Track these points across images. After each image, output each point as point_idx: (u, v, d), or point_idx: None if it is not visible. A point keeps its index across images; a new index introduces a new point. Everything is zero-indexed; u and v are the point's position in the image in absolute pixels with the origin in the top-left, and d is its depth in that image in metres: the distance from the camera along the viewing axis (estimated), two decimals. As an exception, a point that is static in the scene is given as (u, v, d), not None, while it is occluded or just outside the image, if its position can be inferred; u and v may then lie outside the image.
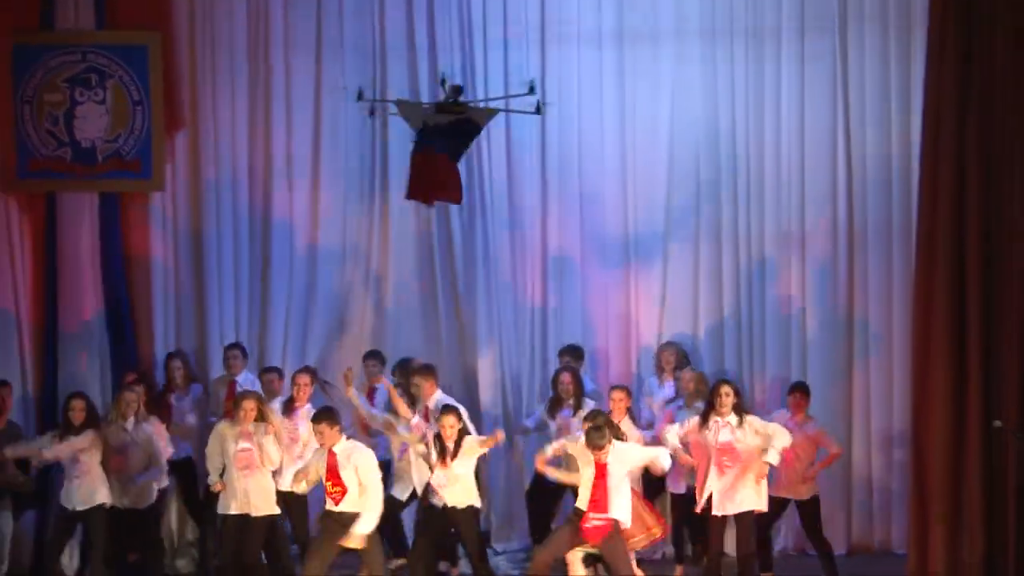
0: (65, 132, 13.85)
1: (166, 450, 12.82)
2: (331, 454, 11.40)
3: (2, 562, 12.51)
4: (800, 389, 12.93)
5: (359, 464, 11.40)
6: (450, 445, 11.82)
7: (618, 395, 12.67)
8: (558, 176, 14.54)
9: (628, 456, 11.56)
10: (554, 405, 13.19)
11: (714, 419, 12.04)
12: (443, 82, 12.91)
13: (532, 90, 13.05)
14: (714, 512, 11.98)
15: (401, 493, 12.68)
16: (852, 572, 12.65)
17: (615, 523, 11.41)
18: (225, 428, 11.95)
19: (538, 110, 13.26)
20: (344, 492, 11.40)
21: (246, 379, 13.54)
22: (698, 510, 12.11)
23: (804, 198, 14.36)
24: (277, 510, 12.06)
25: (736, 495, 11.96)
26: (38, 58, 13.79)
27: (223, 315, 14.39)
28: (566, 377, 13.13)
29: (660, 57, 14.40)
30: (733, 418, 12.00)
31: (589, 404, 12.90)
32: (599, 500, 11.40)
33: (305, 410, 12.60)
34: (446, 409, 11.98)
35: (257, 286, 14.46)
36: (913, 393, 12.32)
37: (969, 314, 11.86)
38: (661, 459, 11.70)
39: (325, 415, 11.52)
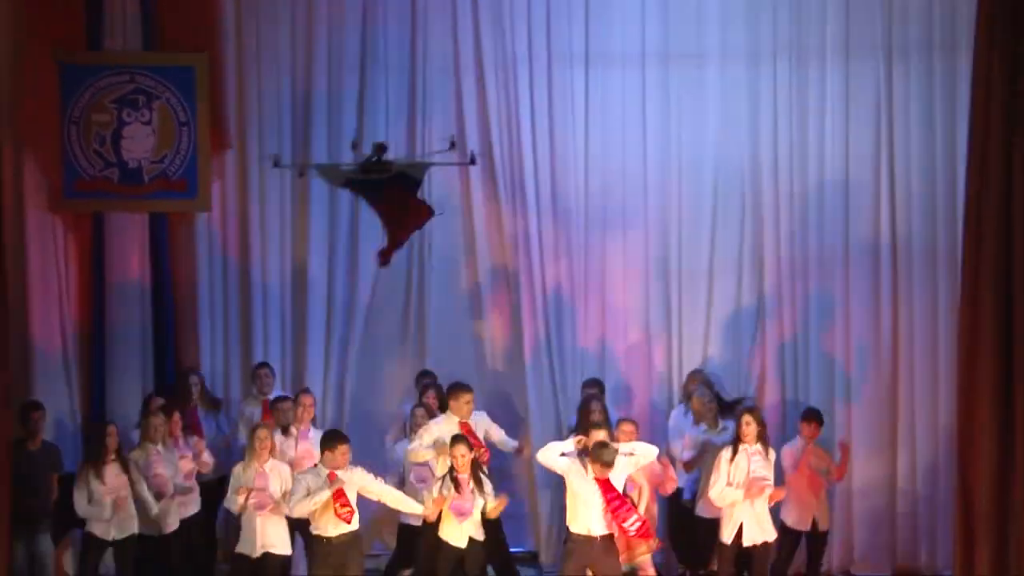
0: (112, 152, 13.87)
1: (207, 463, 12.88)
2: (332, 475, 11.49)
3: None
4: (814, 416, 12.90)
5: (361, 483, 11.61)
6: (464, 477, 11.80)
7: (627, 427, 12.38)
8: (601, 198, 14.54)
9: (623, 465, 11.56)
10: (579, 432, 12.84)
11: (742, 448, 12.08)
12: (354, 145, 12.89)
13: (453, 146, 13.23)
14: (747, 543, 12.06)
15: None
16: None
17: (605, 538, 11.44)
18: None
19: (472, 160, 13.43)
20: (353, 512, 11.54)
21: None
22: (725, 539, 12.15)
23: (848, 221, 14.34)
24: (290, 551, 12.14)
25: (763, 523, 12.11)
26: (86, 79, 13.80)
27: (268, 336, 14.44)
28: (596, 406, 12.95)
29: (704, 79, 14.38)
30: (759, 446, 12.06)
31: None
32: (622, 506, 11.39)
33: (308, 432, 12.77)
34: (455, 439, 11.94)
35: (299, 306, 14.51)
36: (958, 412, 12.29)
37: (1015, 334, 11.77)
38: (647, 455, 11.72)
39: (339, 437, 11.69)
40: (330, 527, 11.48)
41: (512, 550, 13.40)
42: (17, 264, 13.31)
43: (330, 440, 11.64)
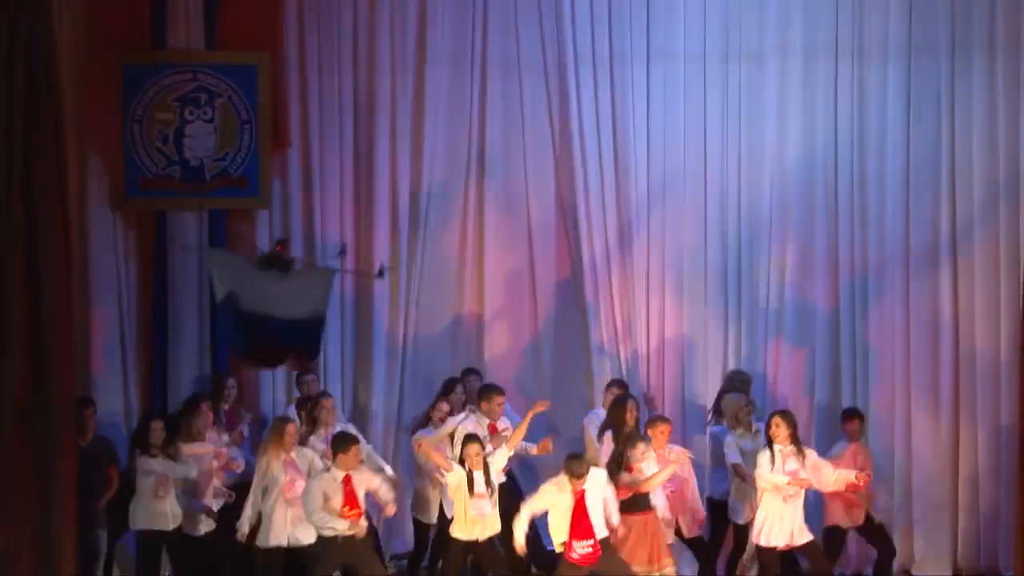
0: (175, 150, 13.89)
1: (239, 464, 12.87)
2: (347, 479, 11.57)
3: None
4: (855, 415, 13.10)
5: (368, 483, 11.73)
6: (479, 474, 11.82)
7: (662, 427, 12.43)
8: (663, 195, 14.52)
9: (601, 476, 11.61)
10: (608, 430, 12.84)
11: (777, 449, 12.05)
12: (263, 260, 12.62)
13: (343, 251, 13.41)
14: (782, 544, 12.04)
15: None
16: None
17: (602, 542, 11.40)
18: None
19: (380, 273, 13.40)
20: (361, 514, 11.64)
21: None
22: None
23: (908, 221, 14.28)
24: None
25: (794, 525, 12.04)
26: (149, 78, 13.83)
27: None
28: (632, 404, 12.82)
29: (764, 77, 14.36)
30: (791, 448, 12.02)
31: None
32: (581, 527, 11.39)
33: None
34: (468, 439, 11.95)
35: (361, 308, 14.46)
36: (1020, 411, 12.25)
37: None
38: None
39: (351, 440, 11.75)
40: (341, 525, 11.55)
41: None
42: (81, 263, 13.53)
43: (342, 443, 11.68)
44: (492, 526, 11.91)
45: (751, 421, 12.96)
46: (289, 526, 11.91)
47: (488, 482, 11.80)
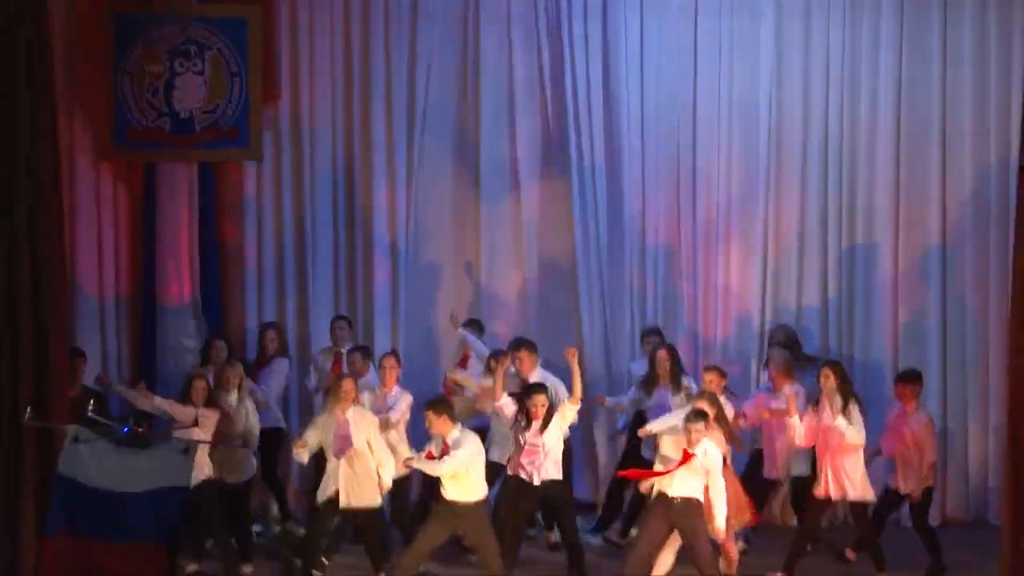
0: (164, 102, 13.75)
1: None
2: (444, 444, 11.34)
3: None
4: (906, 379, 12.57)
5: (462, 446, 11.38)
6: (538, 423, 11.74)
7: (710, 376, 12.30)
8: (655, 150, 14.45)
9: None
10: (650, 383, 12.95)
11: (824, 401, 11.95)
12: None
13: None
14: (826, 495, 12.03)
15: (501, 457, 12.51)
16: (947, 543, 12.51)
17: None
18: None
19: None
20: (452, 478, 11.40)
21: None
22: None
23: (899, 178, 14.24)
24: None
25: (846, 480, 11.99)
26: (139, 29, 13.66)
27: (316, 290, 14.35)
28: (663, 354, 12.90)
29: (757, 31, 14.26)
30: (838, 401, 11.90)
31: (688, 383, 12.83)
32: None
33: (394, 393, 12.50)
34: (536, 388, 11.88)
35: (358, 262, 14.42)
36: (1010, 367, 12.16)
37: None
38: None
39: (444, 405, 11.52)
40: (450, 490, 11.39)
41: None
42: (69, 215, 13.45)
43: (437, 405, 11.49)
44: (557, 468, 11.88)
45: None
46: (345, 485, 11.76)
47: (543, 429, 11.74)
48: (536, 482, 11.78)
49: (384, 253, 14.34)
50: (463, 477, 11.22)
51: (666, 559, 11.52)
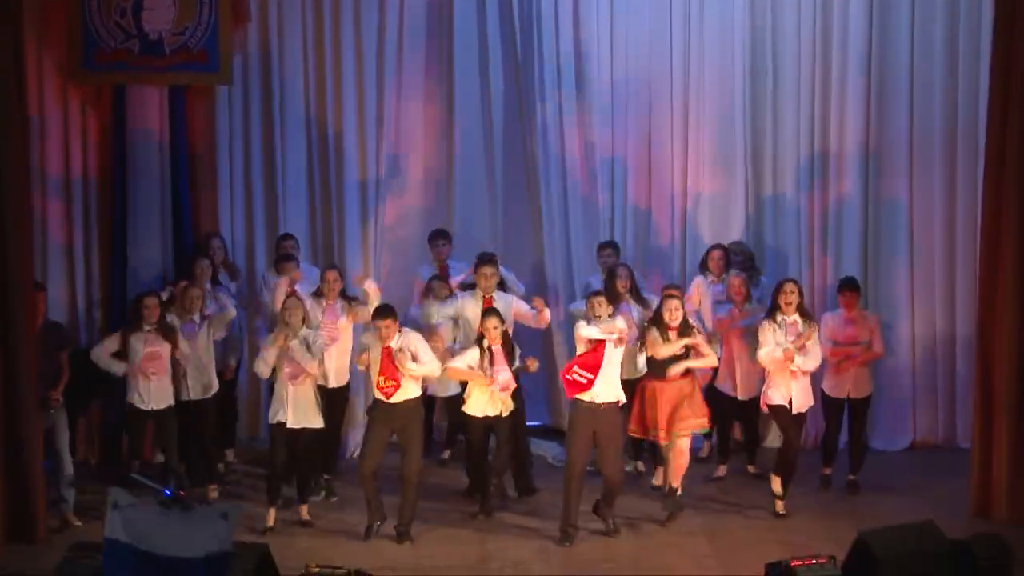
0: (133, 24, 13.53)
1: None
2: (387, 350, 11.44)
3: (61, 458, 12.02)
4: (848, 287, 12.82)
5: (415, 348, 11.53)
6: (496, 348, 11.74)
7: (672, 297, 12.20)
8: (625, 84, 14.42)
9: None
10: (611, 299, 12.54)
11: (780, 318, 12.04)
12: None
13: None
14: (796, 410, 12.07)
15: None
16: (917, 465, 12.58)
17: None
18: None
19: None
20: (397, 387, 11.49)
21: (306, 270, 13.39)
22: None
23: (870, 107, 14.19)
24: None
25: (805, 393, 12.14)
26: (106, -51, 13.45)
27: (287, 209, 14.24)
28: (623, 272, 12.93)
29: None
30: (797, 317, 12.03)
31: (649, 298, 12.94)
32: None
33: (337, 306, 12.53)
34: (489, 312, 11.89)
35: (330, 182, 14.29)
36: (980, 292, 12.19)
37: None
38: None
39: (389, 311, 11.60)
40: (380, 396, 11.56)
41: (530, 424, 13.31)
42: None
43: (389, 313, 11.60)
44: (508, 400, 11.93)
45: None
46: (293, 406, 11.84)
47: (509, 354, 11.80)
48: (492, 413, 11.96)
49: (354, 177, 14.25)
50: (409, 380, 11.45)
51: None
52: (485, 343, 11.77)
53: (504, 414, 11.91)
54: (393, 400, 11.46)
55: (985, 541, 10.30)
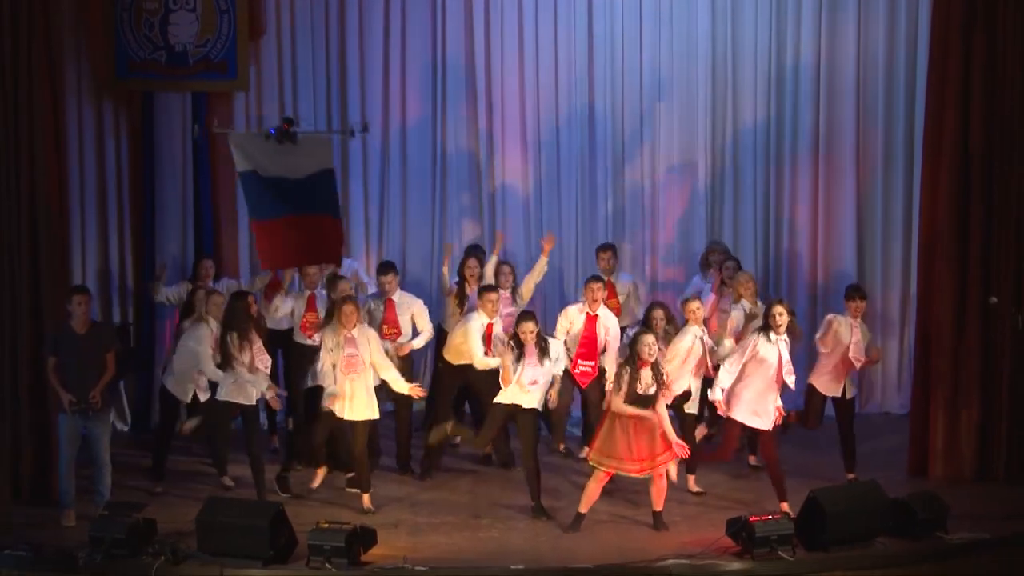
0: (160, 37, 13.69)
1: None
2: (390, 301, 11.91)
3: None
4: (858, 295, 11.96)
5: (416, 311, 12.02)
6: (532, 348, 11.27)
7: (658, 313, 11.68)
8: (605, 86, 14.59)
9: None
10: None
11: (773, 337, 11.00)
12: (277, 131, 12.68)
13: (365, 128, 13.55)
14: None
15: None
16: (861, 430, 12.67)
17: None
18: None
19: (352, 133, 13.60)
20: (399, 334, 12.12)
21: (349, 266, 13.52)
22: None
23: (819, 104, 14.39)
24: None
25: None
26: (135, -30, 13.57)
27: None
28: (659, 313, 11.82)
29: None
30: (787, 338, 11.06)
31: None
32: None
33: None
34: (524, 316, 11.44)
35: (337, 176, 14.13)
36: (919, 276, 12.44)
37: (971, 211, 11.92)
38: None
39: (391, 267, 12.12)
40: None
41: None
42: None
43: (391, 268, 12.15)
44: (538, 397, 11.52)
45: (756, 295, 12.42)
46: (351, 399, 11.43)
47: (543, 353, 11.33)
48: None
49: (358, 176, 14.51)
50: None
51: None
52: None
53: (526, 406, 11.37)
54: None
55: (922, 498, 10.55)
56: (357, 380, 11.28)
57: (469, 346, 11.85)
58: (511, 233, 14.34)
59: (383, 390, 11.67)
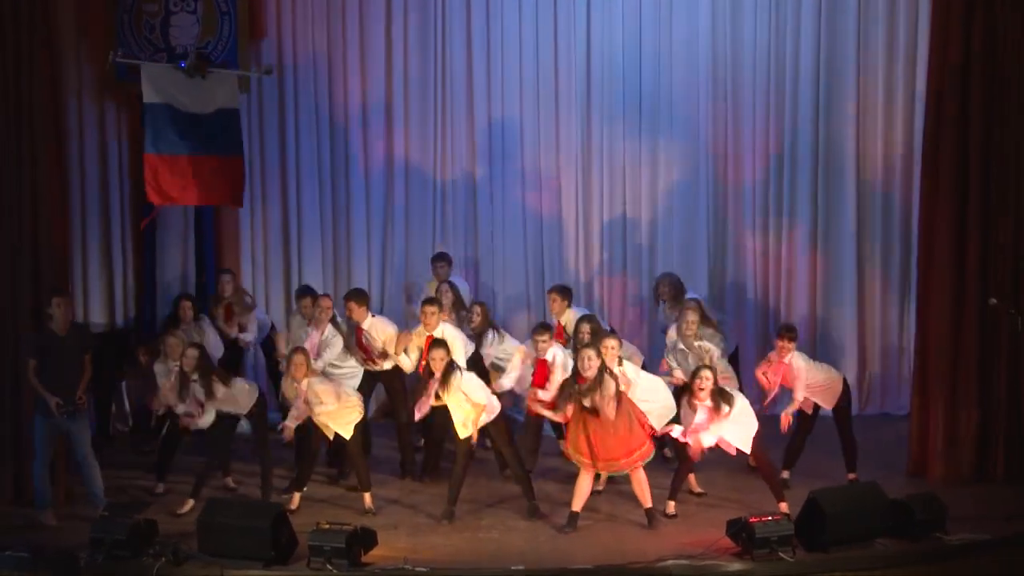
0: (161, 39, 13.59)
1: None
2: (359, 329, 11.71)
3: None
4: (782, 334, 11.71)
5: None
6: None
7: (611, 342, 11.24)
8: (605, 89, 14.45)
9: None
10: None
11: (693, 402, 10.86)
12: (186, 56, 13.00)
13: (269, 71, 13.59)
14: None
15: None
16: (861, 432, 12.58)
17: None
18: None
19: (268, 72, 13.67)
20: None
21: None
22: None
23: (818, 113, 14.25)
24: None
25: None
26: (135, -29, 13.45)
27: (302, 210, 14.38)
28: (585, 327, 11.71)
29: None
30: (709, 403, 10.81)
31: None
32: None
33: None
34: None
35: (338, 181, 14.45)
36: (918, 285, 12.32)
37: (970, 213, 11.80)
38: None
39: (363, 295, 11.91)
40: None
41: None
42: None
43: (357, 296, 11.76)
44: None
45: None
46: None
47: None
48: None
49: (360, 180, 14.43)
50: None
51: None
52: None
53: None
54: None
55: (921, 499, 10.45)
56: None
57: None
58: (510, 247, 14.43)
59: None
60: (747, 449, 11.03)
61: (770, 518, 10.09)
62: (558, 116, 14.42)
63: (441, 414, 11.35)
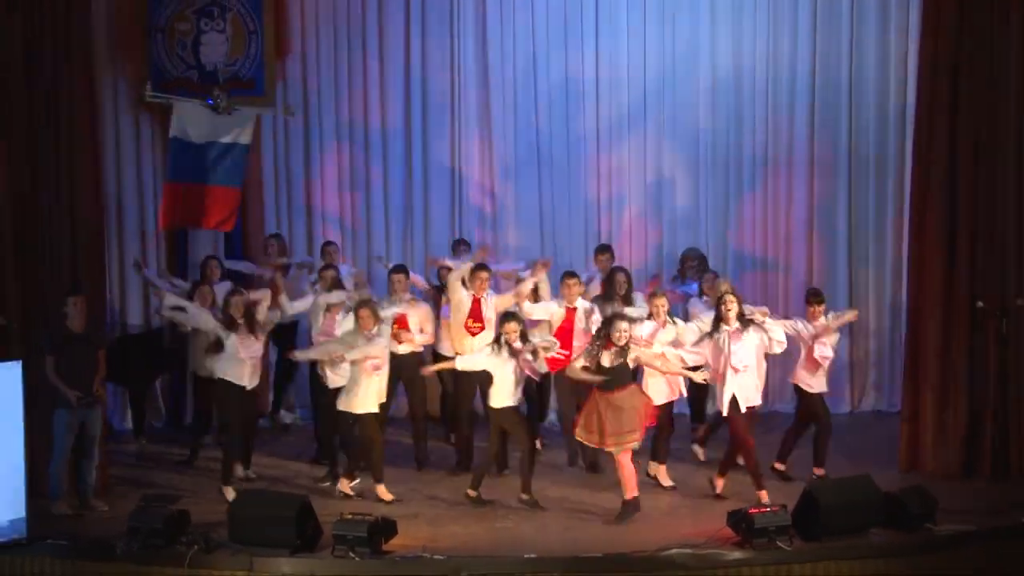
0: (192, 56, 13.85)
1: None
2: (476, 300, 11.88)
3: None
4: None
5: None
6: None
7: (660, 301, 11.67)
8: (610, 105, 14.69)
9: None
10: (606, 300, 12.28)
11: (723, 329, 11.06)
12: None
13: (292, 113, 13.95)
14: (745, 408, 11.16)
15: None
16: (855, 427, 12.66)
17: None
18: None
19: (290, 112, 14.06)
20: (483, 328, 11.89)
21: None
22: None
23: (814, 121, 14.45)
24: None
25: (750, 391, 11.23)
26: (169, -6, 13.70)
27: (325, 213, 14.64)
28: (621, 277, 12.32)
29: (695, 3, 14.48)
30: (738, 325, 11.03)
31: (638, 299, 12.36)
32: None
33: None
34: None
35: (360, 188, 14.70)
36: (910, 283, 12.38)
37: (960, 216, 11.88)
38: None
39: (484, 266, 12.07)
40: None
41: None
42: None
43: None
44: None
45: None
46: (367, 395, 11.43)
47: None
48: None
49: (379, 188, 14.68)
50: None
51: None
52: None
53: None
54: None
55: (913, 492, 10.58)
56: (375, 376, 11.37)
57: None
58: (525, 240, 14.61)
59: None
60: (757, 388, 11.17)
61: (768, 509, 10.23)
62: (568, 130, 14.66)
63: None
